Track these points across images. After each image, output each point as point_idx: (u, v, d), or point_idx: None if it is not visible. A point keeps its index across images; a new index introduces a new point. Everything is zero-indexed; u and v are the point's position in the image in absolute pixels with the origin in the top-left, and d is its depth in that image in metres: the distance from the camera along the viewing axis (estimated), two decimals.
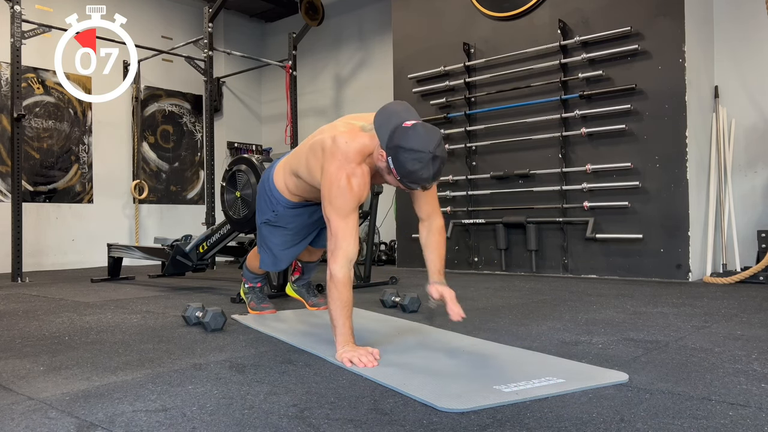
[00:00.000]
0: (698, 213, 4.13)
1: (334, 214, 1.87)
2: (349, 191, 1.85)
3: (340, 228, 1.86)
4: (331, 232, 1.88)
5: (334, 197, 1.87)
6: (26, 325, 2.58)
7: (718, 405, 1.35)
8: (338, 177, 1.86)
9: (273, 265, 2.45)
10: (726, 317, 2.56)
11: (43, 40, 5.14)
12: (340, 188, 1.86)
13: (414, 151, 1.73)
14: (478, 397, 1.40)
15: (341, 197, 1.86)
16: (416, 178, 1.77)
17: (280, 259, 2.43)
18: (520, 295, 3.43)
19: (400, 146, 1.74)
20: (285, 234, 2.38)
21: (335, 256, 1.85)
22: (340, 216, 1.86)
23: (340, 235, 1.85)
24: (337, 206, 1.86)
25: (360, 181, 1.87)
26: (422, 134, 1.75)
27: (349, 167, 1.87)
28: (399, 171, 1.77)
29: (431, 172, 1.76)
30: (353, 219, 1.88)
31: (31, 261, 5.42)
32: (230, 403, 1.40)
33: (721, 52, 4.40)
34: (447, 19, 5.21)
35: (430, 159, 1.73)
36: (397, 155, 1.75)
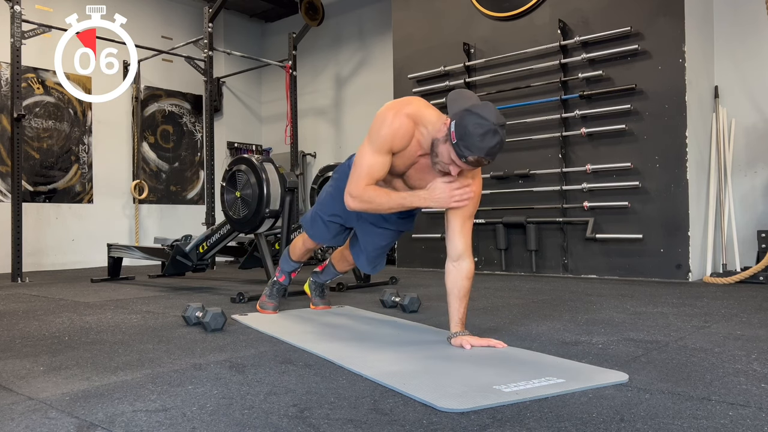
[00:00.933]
0: (698, 213, 4.13)
1: (367, 144, 1.93)
2: (390, 126, 1.88)
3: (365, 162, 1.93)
4: (356, 161, 1.95)
5: (374, 127, 1.92)
6: (26, 325, 2.58)
7: (718, 405, 1.35)
8: (386, 112, 1.91)
9: (310, 219, 2.42)
10: (726, 317, 2.56)
11: (43, 40, 5.15)
12: (383, 119, 1.90)
13: (480, 116, 1.74)
14: (478, 397, 1.40)
15: (379, 128, 1.90)
16: (472, 143, 1.74)
17: (316, 220, 2.39)
18: (520, 295, 3.43)
19: (468, 109, 1.77)
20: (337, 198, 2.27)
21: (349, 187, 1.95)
22: (372, 149, 1.92)
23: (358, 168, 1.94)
24: (373, 136, 1.91)
25: (401, 125, 1.88)
26: (492, 109, 1.78)
27: (401, 110, 1.90)
28: (458, 132, 1.75)
29: (489, 143, 1.74)
30: (380, 160, 1.91)
31: (31, 261, 5.42)
32: (230, 403, 1.40)
33: (721, 52, 4.40)
34: (447, 19, 5.21)
35: (492, 129, 1.73)
36: (463, 117, 1.76)
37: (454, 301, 2.00)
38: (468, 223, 2.02)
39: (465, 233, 2.01)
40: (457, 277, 1.99)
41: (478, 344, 1.94)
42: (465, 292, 2.00)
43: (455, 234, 2.00)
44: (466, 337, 1.96)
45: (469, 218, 2.01)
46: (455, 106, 1.83)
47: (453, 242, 2.00)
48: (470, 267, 2.00)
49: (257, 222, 3.35)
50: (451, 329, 2.01)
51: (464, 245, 2.00)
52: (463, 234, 2.00)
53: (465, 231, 2.01)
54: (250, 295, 3.17)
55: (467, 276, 1.99)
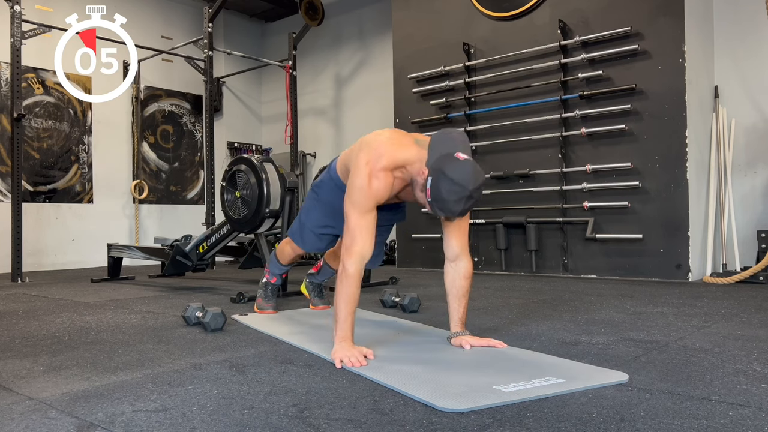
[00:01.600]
0: (698, 213, 4.13)
1: (352, 209, 1.89)
2: (369, 188, 1.86)
3: (358, 225, 1.87)
4: (349, 228, 1.89)
5: (353, 192, 1.89)
6: (26, 325, 2.58)
7: (718, 405, 1.35)
8: (361, 172, 1.88)
9: (298, 233, 2.43)
10: (726, 317, 2.55)
11: (43, 40, 5.14)
12: (361, 184, 1.87)
13: (454, 182, 1.73)
14: (478, 397, 1.40)
15: (359, 193, 1.87)
16: (445, 207, 1.77)
17: (305, 232, 2.40)
18: (520, 295, 3.43)
19: (444, 173, 1.74)
20: (319, 209, 2.33)
21: (350, 251, 1.86)
22: (359, 212, 1.88)
23: (357, 232, 1.87)
24: (356, 201, 1.88)
25: (380, 185, 1.87)
26: (469, 171, 1.75)
27: (376, 168, 1.87)
28: (433, 193, 1.77)
29: (461, 207, 1.76)
30: (371, 218, 1.89)
31: (31, 261, 5.42)
32: (230, 403, 1.40)
33: (721, 52, 4.40)
34: (447, 19, 5.21)
35: (466, 196, 1.74)
36: (438, 180, 1.75)
37: (453, 301, 2.01)
38: (464, 223, 2.03)
39: (461, 233, 2.02)
40: (455, 276, 2.01)
41: (477, 344, 1.94)
42: (464, 291, 2.00)
43: (451, 235, 2.01)
44: (465, 337, 1.97)
45: (464, 219, 2.01)
46: (436, 151, 1.82)
47: (450, 243, 2.01)
48: (468, 266, 2.01)
49: (257, 222, 3.35)
50: (451, 329, 2.02)
51: (461, 245, 2.01)
52: (460, 234, 2.01)
53: (461, 231, 2.02)
54: (250, 295, 3.17)
55: (465, 275, 2.00)
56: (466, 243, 2.03)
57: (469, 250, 2.06)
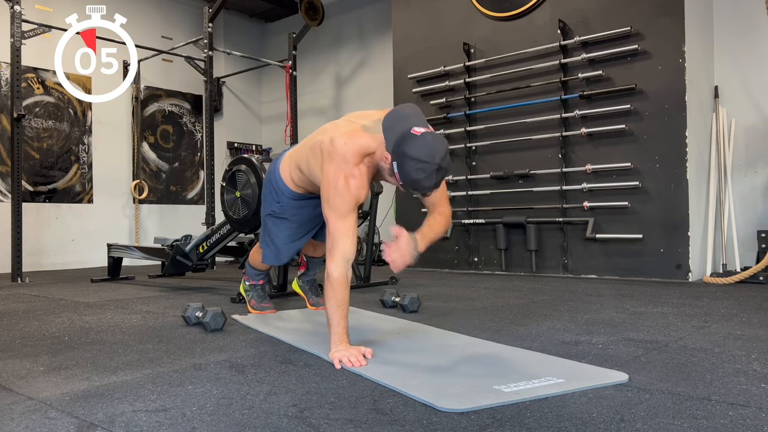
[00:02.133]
0: (698, 213, 4.13)
1: (332, 214, 1.88)
2: (347, 192, 1.87)
3: (338, 228, 1.87)
4: (330, 231, 1.89)
5: (332, 198, 1.88)
6: (26, 325, 2.58)
7: (718, 405, 1.35)
8: (336, 178, 1.88)
9: (275, 258, 2.45)
10: (726, 317, 2.56)
11: (43, 40, 5.14)
12: (337, 189, 1.87)
13: (419, 161, 1.74)
14: (478, 397, 1.40)
15: (339, 198, 1.87)
16: (418, 186, 1.80)
17: (283, 252, 2.43)
18: (520, 295, 3.43)
19: (406, 154, 1.76)
20: (289, 227, 2.38)
21: (333, 255, 1.86)
22: (338, 216, 1.87)
23: (337, 234, 1.87)
24: (335, 207, 1.88)
25: (358, 183, 1.88)
26: (429, 144, 1.76)
27: (347, 168, 1.88)
28: (402, 178, 1.79)
29: (433, 181, 1.79)
30: (351, 219, 1.89)
31: (31, 261, 5.42)
32: (230, 403, 1.40)
33: (721, 52, 4.40)
34: (447, 19, 5.21)
35: (434, 170, 1.75)
36: (403, 163, 1.77)
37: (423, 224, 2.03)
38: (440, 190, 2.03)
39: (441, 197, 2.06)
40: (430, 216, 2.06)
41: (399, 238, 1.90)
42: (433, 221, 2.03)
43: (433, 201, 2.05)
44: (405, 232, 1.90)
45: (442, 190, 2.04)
46: (392, 133, 1.83)
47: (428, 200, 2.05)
48: (446, 210, 2.08)
49: (257, 222, 3.34)
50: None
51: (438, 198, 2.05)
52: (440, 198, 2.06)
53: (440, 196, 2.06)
54: None
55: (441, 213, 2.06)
56: (445, 196, 2.09)
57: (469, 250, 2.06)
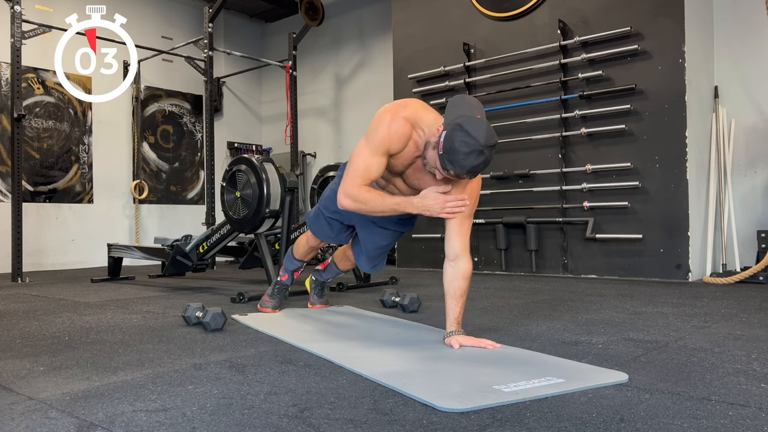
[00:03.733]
0: (698, 213, 4.13)
1: (365, 143, 1.95)
2: (388, 130, 1.90)
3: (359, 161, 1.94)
4: (351, 159, 1.95)
5: (371, 129, 1.93)
6: (26, 325, 2.58)
7: (718, 405, 1.35)
8: (384, 115, 1.93)
9: (314, 220, 2.45)
10: (726, 317, 2.56)
11: (43, 40, 5.14)
12: (380, 121, 1.92)
13: (469, 135, 1.74)
14: (478, 397, 1.40)
15: (376, 132, 1.92)
16: (456, 159, 1.76)
17: (318, 220, 2.42)
18: (520, 295, 3.43)
19: (459, 125, 1.76)
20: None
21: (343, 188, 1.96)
22: (368, 148, 1.93)
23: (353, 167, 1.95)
24: (370, 138, 1.93)
25: (399, 129, 1.90)
26: (484, 128, 1.77)
27: (399, 114, 1.91)
28: (445, 144, 1.77)
29: (472, 162, 1.76)
30: (376, 162, 1.92)
31: (31, 261, 5.42)
32: (230, 403, 1.40)
33: (721, 52, 4.40)
34: (447, 19, 5.21)
35: (478, 150, 1.74)
36: (453, 131, 1.76)
37: (450, 301, 2.02)
38: (466, 223, 2.02)
39: (463, 233, 2.01)
40: (453, 276, 2.00)
41: (468, 344, 1.94)
42: (462, 291, 2.00)
43: (453, 234, 2.01)
44: (457, 336, 1.97)
45: (467, 218, 2.02)
46: (453, 112, 1.84)
47: (451, 242, 2.01)
48: (468, 267, 2.00)
49: (257, 222, 3.35)
50: (447, 329, 2.02)
51: (462, 245, 2.00)
52: (461, 234, 2.01)
53: (463, 231, 2.01)
54: (250, 295, 3.17)
55: (464, 276, 2.00)
56: (467, 243, 2.03)
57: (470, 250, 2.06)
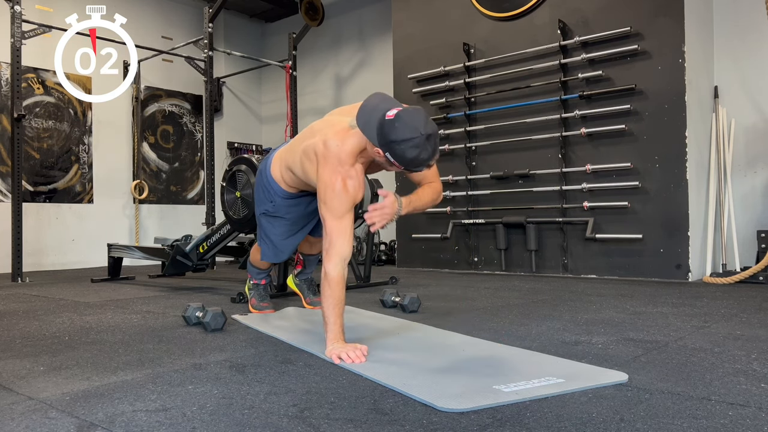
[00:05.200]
0: (698, 213, 4.13)
1: (329, 215, 1.90)
2: (345, 193, 1.89)
3: (334, 228, 1.89)
4: (326, 231, 1.91)
5: (329, 199, 1.90)
6: (26, 325, 2.59)
7: (718, 405, 1.35)
8: (333, 180, 1.90)
9: (274, 255, 2.49)
10: (726, 317, 2.56)
11: (43, 40, 5.14)
12: (335, 191, 1.89)
13: (407, 140, 1.74)
14: (478, 397, 1.41)
15: (336, 199, 1.89)
16: (418, 162, 1.79)
17: (281, 249, 2.46)
18: (520, 295, 3.43)
19: (392, 141, 1.76)
20: (284, 224, 2.42)
21: (329, 255, 1.88)
22: (335, 217, 1.90)
23: (334, 234, 1.89)
24: (333, 208, 1.90)
25: (355, 183, 1.91)
26: (408, 120, 1.75)
27: (343, 170, 1.90)
28: (401, 162, 1.80)
29: (430, 151, 1.78)
30: (348, 219, 1.91)
31: (31, 261, 5.42)
32: (230, 403, 1.40)
33: (721, 52, 4.40)
34: (447, 19, 5.21)
35: (424, 140, 1.75)
36: (394, 150, 1.77)
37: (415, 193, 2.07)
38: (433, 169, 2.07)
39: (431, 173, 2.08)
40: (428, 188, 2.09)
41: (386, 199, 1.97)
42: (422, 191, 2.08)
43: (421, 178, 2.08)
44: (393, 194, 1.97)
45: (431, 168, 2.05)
46: (371, 129, 1.81)
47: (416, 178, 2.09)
48: (436, 185, 2.10)
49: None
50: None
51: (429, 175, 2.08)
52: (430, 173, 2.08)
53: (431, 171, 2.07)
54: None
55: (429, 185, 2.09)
56: (435, 173, 2.11)
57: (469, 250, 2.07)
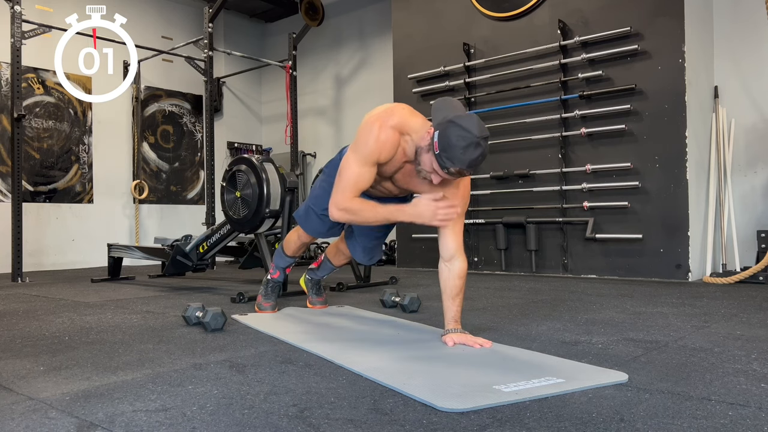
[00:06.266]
0: (698, 213, 4.13)
1: (353, 154, 1.94)
2: (376, 140, 1.89)
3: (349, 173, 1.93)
4: (340, 171, 1.94)
5: (360, 139, 1.93)
6: (26, 325, 2.59)
7: (718, 405, 1.35)
8: (372, 124, 1.91)
9: (304, 215, 2.43)
10: (726, 317, 2.56)
11: (43, 40, 5.14)
12: (368, 132, 1.90)
13: (463, 128, 1.74)
14: (478, 397, 1.41)
15: (365, 143, 1.91)
16: (455, 155, 1.75)
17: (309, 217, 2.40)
18: (520, 295, 3.43)
19: (452, 121, 1.76)
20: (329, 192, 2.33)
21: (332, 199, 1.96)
22: (357, 159, 1.92)
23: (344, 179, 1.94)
24: (359, 148, 1.93)
25: (387, 138, 1.89)
26: (475, 121, 1.77)
27: (386, 123, 1.90)
28: (441, 143, 1.76)
29: (471, 155, 1.75)
30: (366, 172, 1.92)
31: (31, 261, 5.42)
32: (230, 403, 1.40)
33: (721, 52, 4.40)
34: (447, 19, 5.21)
35: (475, 142, 1.74)
36: (446, 128, 1.76)
37: (447, 300, 2.05)
38: (459, 223, 2.04)
39: (456, 233, 2.04)
40: (449, 276, 2.03)
41: (460, 341, 1.97)
42: (458, 290, 2.03)
43: (447, 234, 2.03)
44: (452, 334, 2.00)
45: (460, 218, 2.04)
46: (439, 114, 1.84)
47: (445, 243, 2.04)
48: (463, 266, 2.04)
49: (257, 222, 3.35)
50: (445, 327, 2.05)
51: (456, 245, 2.03)
52: (455, 234, 2.03)
53: (456, 231, 2.04)
54: (250, 295, 3.17)
55: (459, 275, 2.03)
56: (461, 242, 2.06)
57: (469, 250, 2.07)
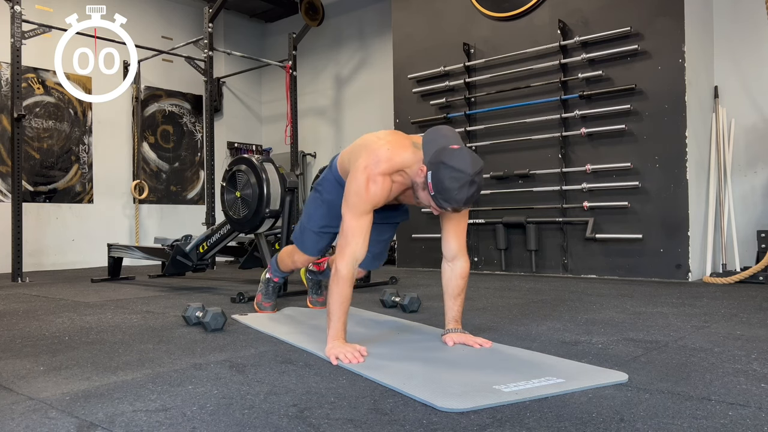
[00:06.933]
0: (698, 213, 4.13)
1: (348, 211, 1.90)
2: (366, 193, 1.87)
3: (351, 227, 1.89)
4: (343, 229, 1.91)
5: (351, 194, 1.90)
6: (26, 325, 2.59)
7: (718, 405, 1.35)
8: (360, 177, 1.89)
9: (300, 236, 2.40)
10: (726, 317, 2.56)
11: (43, 40, 5.14)
12: (358, 188, 1.88)
13: (455, 169, 1.73)
14: (478, 397, 1.41)
15: (356, 197, 1.89)
16: (450, 197, 1.76)
17: (306, 236, 2.37)
18: (520, 295, 3.43)
19: (442, 162, 1.75)
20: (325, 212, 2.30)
21: (343, 253, 1.88)
22: (354, 215, 1.89)
23: (350, 233, 1.89)
24: (352, 204, 1.90)
25: (377, 190, 1.88)
26: (466, 158, 1.76)
27: (374, 172, 1.88)
28: (435, 186, 1.77)
29: (466, 194, 1.76)
30: (366, 220, 1.90)
31: (31, 261, 5.42)
32: (230, 403, 1.40)
33: (721, 52, 4.40)
34: (447, 19, 5.21)
35: (468, 181, 1.74)
36: (438, 171, 1.76)
37: (449, 300, 2.06)
38: (463, 223, 2.05)
39: (459, 233, 2.05)
40: (451, 276, 2.05)
41: (460, 341, 1.98)
42: (459, 290, 2.05)
43: (450, 235, 2.04)
44: (452, 334, 2.01)
45: (463, 218, 2.04)
46: (431, 147, 1.83)
47: (448, 243, 2.05)
48: (465, 266, 2.05)
49: (257, 222, 3.35)
50: (445, 326, 2.07)
51: (458, 245, 2.04)
52: (458, 234, 2.04)
53: (459, 231, 2.05)
54: (250, 295, 3.17)
55: (462, 275, 2.04)
56: (464, 243, 2.07)
57: (469, 250, 2.07)
